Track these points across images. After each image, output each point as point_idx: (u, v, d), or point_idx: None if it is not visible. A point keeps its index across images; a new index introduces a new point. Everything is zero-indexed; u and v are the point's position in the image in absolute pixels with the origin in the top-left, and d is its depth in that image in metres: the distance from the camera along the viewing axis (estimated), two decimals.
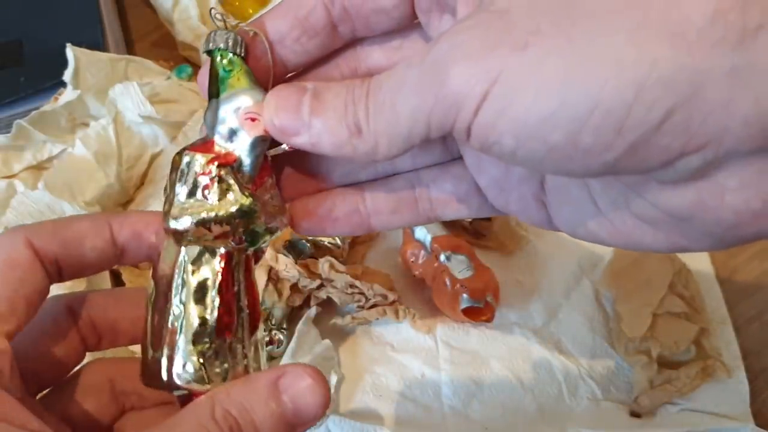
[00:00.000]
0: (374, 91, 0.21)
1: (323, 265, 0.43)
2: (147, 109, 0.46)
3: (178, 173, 0.23)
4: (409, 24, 0.24)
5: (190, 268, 0.23)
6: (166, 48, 0.61)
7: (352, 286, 0.44)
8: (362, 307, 0.45)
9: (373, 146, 0.21)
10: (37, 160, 0.47)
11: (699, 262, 0.49)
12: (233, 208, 0.23)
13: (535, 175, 0.24)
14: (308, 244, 0.46)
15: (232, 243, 0.23)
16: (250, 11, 0.58)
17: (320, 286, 0.44)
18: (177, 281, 0.23)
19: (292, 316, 0.45)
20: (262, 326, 0.25)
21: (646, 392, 0.42)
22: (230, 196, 0.23)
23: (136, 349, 0.25)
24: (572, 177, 0.22)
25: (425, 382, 0.44)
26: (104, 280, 0.46)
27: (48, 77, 0.50)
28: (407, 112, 0.20)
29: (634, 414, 0.43)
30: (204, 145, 0.23)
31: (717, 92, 0.17)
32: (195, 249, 0.23)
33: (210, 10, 0.25)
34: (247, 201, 0.23)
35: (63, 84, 0.47)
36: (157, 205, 0.46)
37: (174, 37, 0.60)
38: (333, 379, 0.42)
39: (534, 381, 0.44)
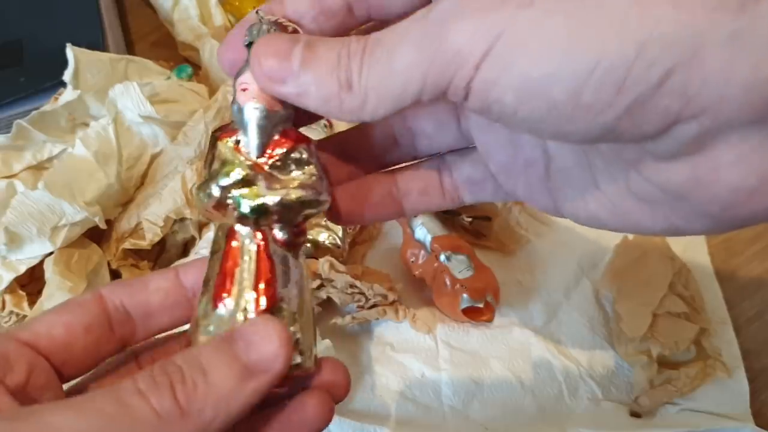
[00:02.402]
0: (372, 46, 0.20)
1: (323, 265, 0.43)
2: (147, 109, 0.46)
3: None
4: (424, 6, 0.24)
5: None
6: (166, 48, 0.62)
7: (352, 286, 0.44)
8: (362, 307, 0.45)
9: (360, 102, 0.20)
10: (37, 160, 0.47)
11: (699, 262, 0.49)
12: (218, 177, 0.23)
13: (540, 159, 0.25)
14: (308, 244, 0.46)
15: (233, 215, 0.23)
16: (250, 11, 0.58)
17: (320, 286, 0.44)
18: None
19: None
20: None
21: (646, 392, 0.42)
22: (225, 165, 0.23)
23: None
24: (571, 142, 0.22)
25: (425, 382, 0.44)
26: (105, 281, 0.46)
27: (48, 77, 0.50)
28: (403, 67, 0.19)
29: (634, 414, 0.43)
30: (229, 124, 0.24)
31: (717, 56, 0.17)
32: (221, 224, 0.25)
33: (255, 9, 0.25)
34: (229, 168, 0.23)
35: (63, 84, 0.47)
36: (158, 204, 0.46)
37: (174, 37, 0.60)
38: None
39: (534, 381, 0.44)
